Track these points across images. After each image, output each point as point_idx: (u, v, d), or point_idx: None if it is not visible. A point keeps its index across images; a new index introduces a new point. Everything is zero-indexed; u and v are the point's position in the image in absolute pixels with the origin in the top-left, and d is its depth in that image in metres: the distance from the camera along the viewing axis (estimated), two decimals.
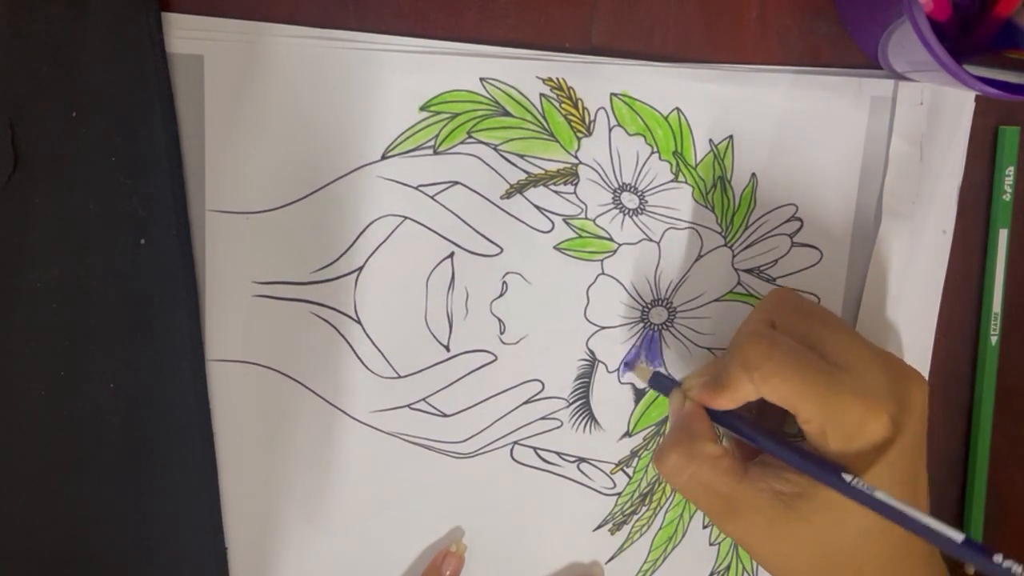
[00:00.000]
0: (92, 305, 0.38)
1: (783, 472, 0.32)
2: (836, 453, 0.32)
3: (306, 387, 0.40)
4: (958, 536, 0.28)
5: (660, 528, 0.43)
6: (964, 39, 0.37)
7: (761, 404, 0.34)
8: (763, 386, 0.32)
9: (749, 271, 0.41)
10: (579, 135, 0.40)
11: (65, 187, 0.37)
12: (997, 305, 0.42)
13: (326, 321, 0.40)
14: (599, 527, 0.43)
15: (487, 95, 0.39)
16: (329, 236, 0.39)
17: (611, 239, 0.40)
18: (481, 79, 0.39)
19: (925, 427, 0.33)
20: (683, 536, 0.43)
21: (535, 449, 0.42)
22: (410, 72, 0.39)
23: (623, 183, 0.40)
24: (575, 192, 0.40)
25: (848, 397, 0.31)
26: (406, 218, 0.40)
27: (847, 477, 0.30)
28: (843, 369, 0.32)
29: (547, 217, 0.40)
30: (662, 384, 0.39)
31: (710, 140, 0.40)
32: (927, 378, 0.42)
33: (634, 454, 0.42)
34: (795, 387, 0.31)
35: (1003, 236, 0.41)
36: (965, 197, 0.41)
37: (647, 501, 0.43)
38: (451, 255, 0.40)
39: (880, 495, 0.30)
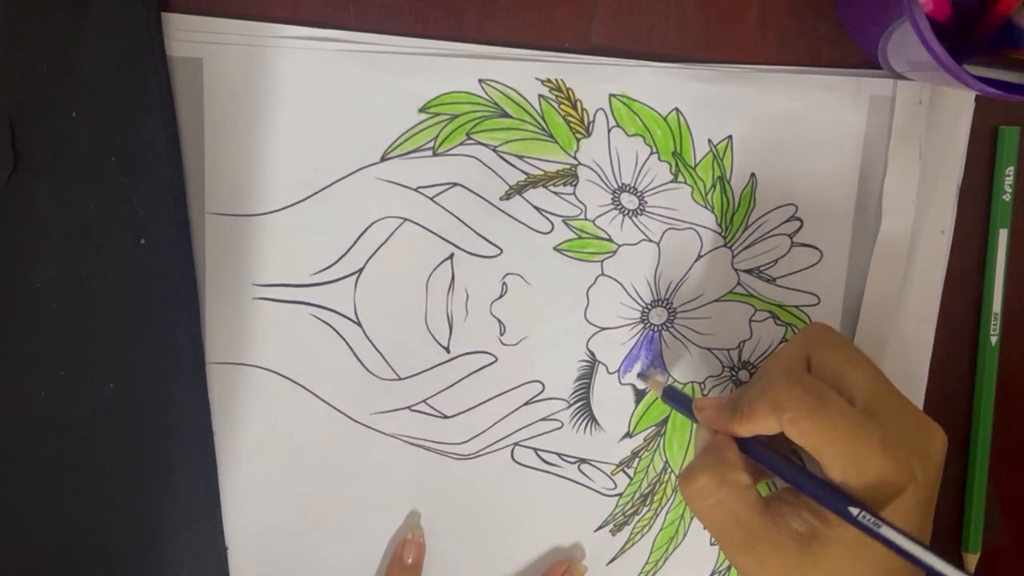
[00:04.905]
0: (92, 305, 0.38)
1: (800, 511, 0.32)
2: (851, 492, 0.32)
3: (306, 389, 0.40)
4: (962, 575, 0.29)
5: (661, 529, 0.43)
6: (964, 39, 0.37)
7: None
8: (791, 428, 0.32)
9: (749, 271, 0.41)
10: (578, 136, 0.40)
11: (65, 187, 0.37)
12: (997, 305, 0.42)
13: (326, 323, 0.40)
14: (600, 528, 0.43)
15: (486, 96, 0.39)
16: (329, 238, 0.39)
17: (610, 240, 0.40)
18: (480, 80, 0.39)
19: (939, 482, 0.33)
20: (684, 536, 0.43)
21: (536, 450, 0.42)
22: (409, 73, 0.39)
23: (622, 184, 0.40)
24: (574, 193, 0.40)
25: (875, 448, 0.31)
26: (406, 220, 0.40)
27: (854, 511, 0.30)
28: (870, 417, 0.32)
29: (546, 218, 0.40)
30: (676, 398, 0.39)
31: (709, 140, 0.40)
32: (926, 377, 0.42)
33: (635, 455, 0.42)
34: (822, 433, 0.31)
35: (1003, 236, 0.41)
36: (965, 197, 0.41)
37: (648, 502, 0.43)
38: (451, 256, 0.40)
39: (885, 531, 0.30)
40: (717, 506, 0.33)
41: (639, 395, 0.42)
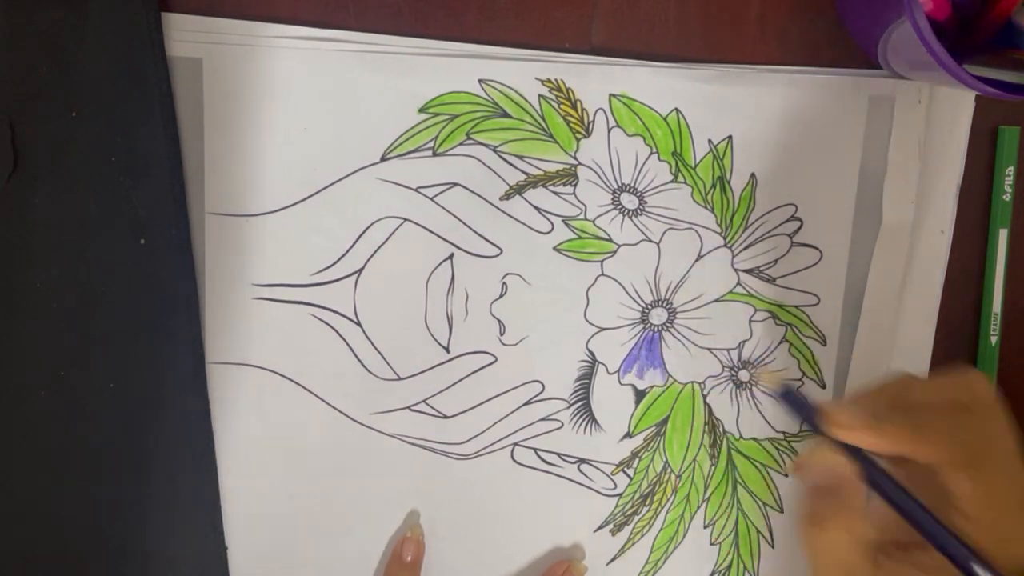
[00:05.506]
0: (92, 305, 0.38)
1: (911, 570, 0.31)
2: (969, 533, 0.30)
3: (306, 389, 0.40)
4: None
5: (661, 528, 0.43)
6: (964, 39, 0.37)
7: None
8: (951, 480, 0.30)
9: (749, 271, 0.41)
10: (578, 136, 0.40)
11: (65, 187, 0.38)
12: (997, 305, 0.42)
13: (326, 323, 0.40)
14: (600, 528, 0.43)
15: (486, 96, 0.39)
16: (329, 238, 0.39)
17: (610, 240, 0.40)
18: (480, 80, 0.39)
19: None
20: (684, 536, 0.43)
21: (536, 450, 0.42)
22: (409, 74, 0.39)
23: (622, 184, 0.40)
24: (574, 193, 0.40)
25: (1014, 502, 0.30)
26: (405, 220, 0.40)
27: (977, 568, 0.28)
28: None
29: (546, 218, 0.40)
30: (797, 406, 0.33)
31: (709, 140, 0.40)
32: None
33: (635, 455, 0.42)
34: (980, 473, 0.30)
35: (1003, 236, 0.41)
36: (965, 197, 0.41)
37: (648, 502, 0.43)
38: (451, 256, 0.40)
39: None
40: (837, 560, 0.31)
41: (639, 395, 0.42)
